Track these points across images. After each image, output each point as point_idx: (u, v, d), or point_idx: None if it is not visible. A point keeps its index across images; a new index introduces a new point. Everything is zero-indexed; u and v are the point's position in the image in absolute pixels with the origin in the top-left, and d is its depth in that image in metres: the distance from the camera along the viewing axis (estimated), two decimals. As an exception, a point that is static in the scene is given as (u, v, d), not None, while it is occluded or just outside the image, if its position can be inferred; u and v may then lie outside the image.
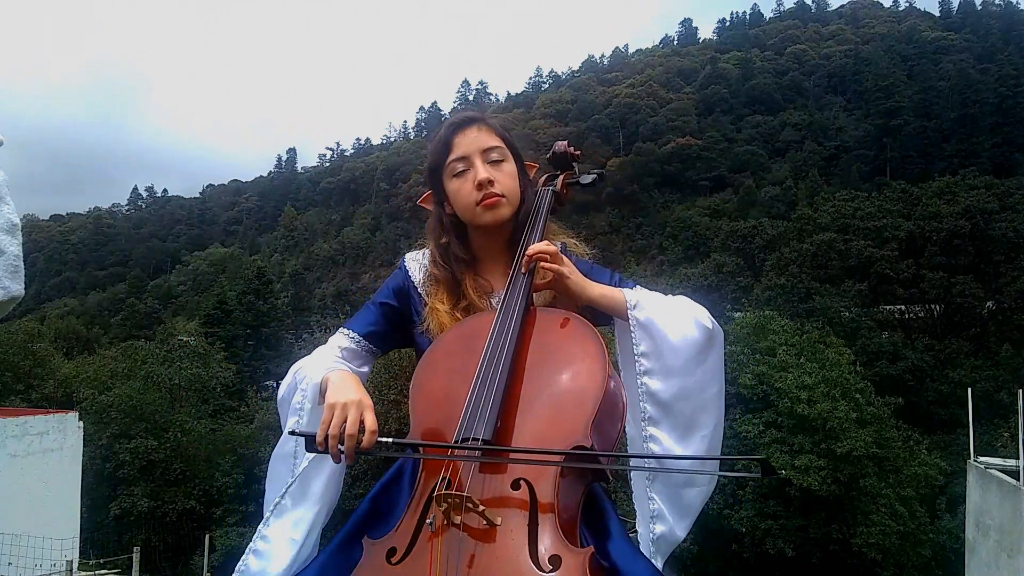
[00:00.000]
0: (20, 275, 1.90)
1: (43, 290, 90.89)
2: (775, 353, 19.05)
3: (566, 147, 1.75)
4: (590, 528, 1.27)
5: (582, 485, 1.28)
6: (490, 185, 1.49)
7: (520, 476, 1.17)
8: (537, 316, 1.42)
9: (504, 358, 1.30)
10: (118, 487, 21.21)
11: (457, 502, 1.10)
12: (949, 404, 26.38)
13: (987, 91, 67.56)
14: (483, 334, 1.36)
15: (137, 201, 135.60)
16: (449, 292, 1.54)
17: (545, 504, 1.14)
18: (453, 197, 1.54)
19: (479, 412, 1.23)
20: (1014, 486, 7.23)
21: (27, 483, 9.59)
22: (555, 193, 1.65)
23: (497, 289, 1.54)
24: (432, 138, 1.59)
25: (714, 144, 77.91)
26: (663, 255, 64.56)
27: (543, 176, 1.72)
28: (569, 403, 1.26)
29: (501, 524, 1.11)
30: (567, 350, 1.34)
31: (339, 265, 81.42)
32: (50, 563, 8.50)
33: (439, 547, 1.11)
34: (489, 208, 1.49)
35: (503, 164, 1.53)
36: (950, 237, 34.20)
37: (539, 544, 1.10)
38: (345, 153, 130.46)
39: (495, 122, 1.57)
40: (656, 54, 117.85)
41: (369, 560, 1.19)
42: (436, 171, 1.56)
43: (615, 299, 1.47)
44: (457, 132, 1.52)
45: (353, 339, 1.57)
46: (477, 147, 1.51)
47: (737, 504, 17.21)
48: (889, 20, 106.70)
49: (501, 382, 1.27)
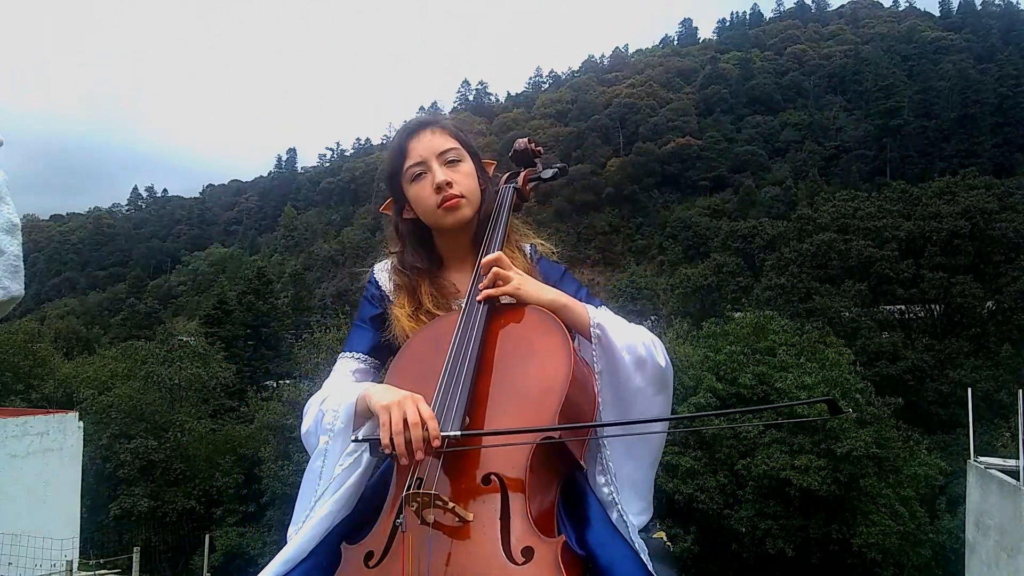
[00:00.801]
0: (20, 275, 1.90)
1: (43, 290, 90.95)
2: (775, 353, 19.06)
3: (527, 143, 1.75)
4: (571, 518, 1.27)
5: (557, 476, 1.28)
6: (448, 187, 1.49)
7: (490, 471, 1.18)
8: (502, 313, 1.42)
9: (470, 355, 1.30)
10: (118, 487, 21.22)
11: (426, 500, 1.11)
12: (949, 404, 26.37)
13: (987, 91, 67.56)
14: (448, 334, 1.37)
15: (137, 201, 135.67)
16: (410, 297, 1.55)
17: (516, 497, 1.15)
18: (414, 202, 1.55)
19: (445, 412, 1.23)
20: (1014, 486, 7.23)
21: (27, 483, 9.60)
22: (516, 190, 1.66)
23: (463, 289, 1.54)
24: (387, 146, 1.61)
25: (714, 144, 77.91)
26: (663, 255, 64.58)
27: (504, 175, 1.72)
28: (535, 395, 1.27)
29: (474, 520, 1.12)
30: (531, 342, 1.35)
31: (339, 265, 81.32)
32: (50, 563, 8.51)
33: (411, 546, 1.12)
34: (450, 210, 1.50)
35: (460, 164, 1.53)
36: (950, 237, 34.17)
37: (511, 537, 1.11)
38: (345, 153, 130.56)
39: (449, 124, 1.57)
40: (656, 54, 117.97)
41: (347, 565, 1.20)
42: (395, 178, 1.56)
43: (576, 313, 1.43)
44: (411, 137, 1.53)
45: (359, 359, 1.56)
46: (432, 150, 1.51)
47: (737, 504, 17.21)
48: (889, 20, 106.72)
49: (467, 379, 1.27)
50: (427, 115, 1.62)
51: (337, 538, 1.32)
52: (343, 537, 1.29)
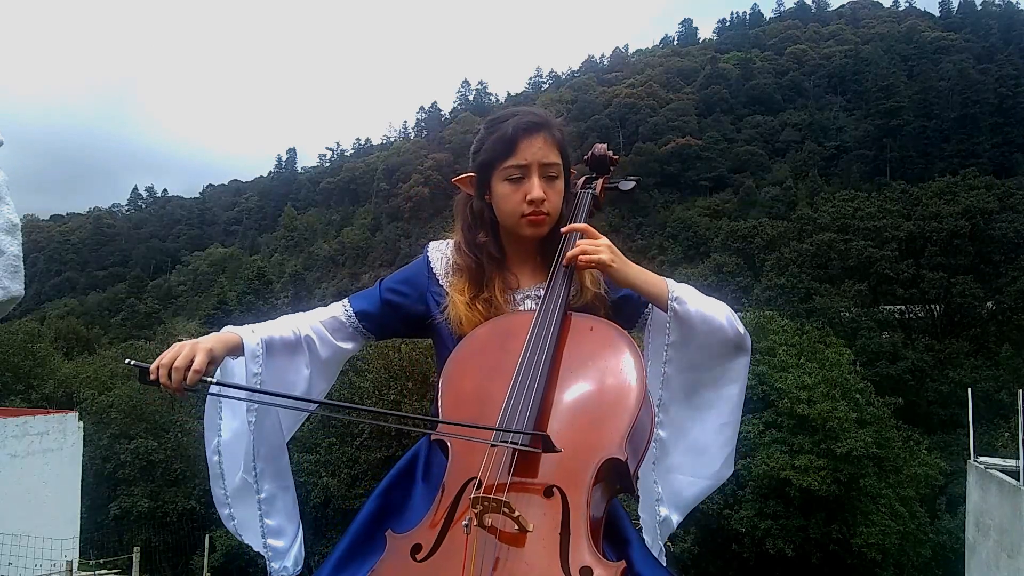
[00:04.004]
0: (20, 275, 1.90)
1: (43, 290, 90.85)
2: (775, 353, 19.05)
3: (605, 151, 1.73)
4: (609, 537, 1.28)
5: (610, 496, 1.28)
6: (541, 204, 1.47)
7: (553, 483, 1.17)
8: (573, 321, 1.41)
9: (544, 361, 1.29)
10: (118, 487, 21.22)
11: (494, 506, 1.09)
12: (949, 404, 26.37)
13: (987, 91, 67.54)
14: (520, 334, 1.36)
15: (137, 201, 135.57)
16: (471, 282, 1.52)
17: (577, 513, 1.13)
18: (499, 200, 1.51)
19: (518, 415, 1.22)
20: (1014, 486, 7.22)
21: (27, 483, 9.58)
22: (594, 196, 1.65)
23: (524, 285, 1.54)
24: (492, 127, 1.52)
25: (714, 144, 77.89)
26: (663, 255, 64.54)
27: (581, 179, 1.70)
28: (606, 414, 1.25)
29: (532, 531, 1.10)
30: (605, 360, 1.33)
31: (339, 265, 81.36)
32: (50, 563, 8.50)
33: (472, 549, 1.09)
34: (534, 225, 1.49)
35: (556, 182, 1.51)
36: (950, 237, 34.18)
37: (570, 554, 1.09)
38: (345, 153, 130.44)
39: (559, 133, 1.52)
40: (656, 54, 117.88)
41: (393, 555, 1.18)
42: (488, 166, 1.51)
43: (657, 286, 1.46)
44: (524, 136, 1.47)
45: (346, 312, 1.57)
46: (538, 159, 1.47)
47: (737, 504, 17.21)
48: (889, 20, 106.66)
49: (540, 386, 1.26)
50: (543, 114, 1.55)
51: (366, 518, 1.37)
52: (382, 518, 1.33)
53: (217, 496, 1.54)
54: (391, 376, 16.78)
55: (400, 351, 16.71)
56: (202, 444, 1.53)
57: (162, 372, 1.29)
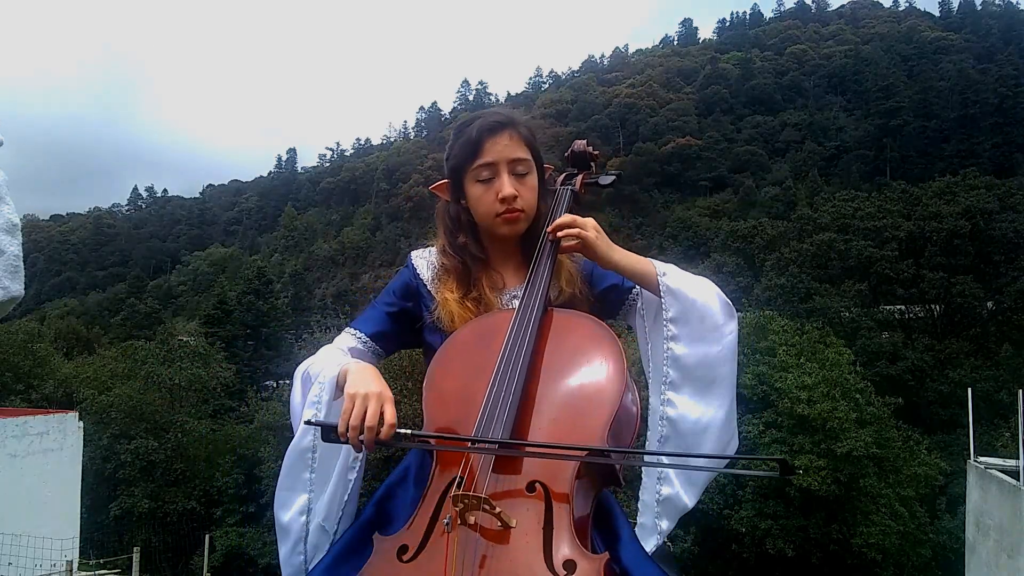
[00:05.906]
0: (20, 275, 1.90)
1: (43, 290, 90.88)
2: (775, 353, 19.04)
3: (585, 146, 1.74)
4: (600, 531, 1.27)
5: (595, 489, 1.28)
6: (513, 201, 1.47)
7: (535, 478, 1.17)
8: (555, 317, 1.41)
9: (523, 358, 1.29)
10: (118, 487, 21.21)
11: (474, 503, 1.09)
12: (949, 404, 26.34)
13: (987, 91, 67.56)
14: (500, 332, 1.35)
15: (137, 201, 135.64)
16: (459, 281, 1.52)
17: (560, 507, 1.14)
18: (474, 202, 1.51)
19: (496, 412, 1.22)
20: (1014, 486, 7.23)
21: (27, 483, 9.58)
22: (574, 192, 1.65)
23: (509, 285, 1.54)
24: (459, 132, 1.53)
25: (714, 144, 77.94)
26: (663, 255, 64.34)
27: (561, 175, 1.70)
28: (586, 407, 1.25)
29: (516, 526, 1.11)
30: (586, 353, 1.33)
31: (339, 265, 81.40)
32: (50, 563, 8.50)
33: (454, 546, 1.10)
34: (509, 222, 1.49)
35: (527, 178, 1.51)
36: (950, 237, 34.13)
37: (553, 548, 1.09)
38: (345, 153, 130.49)
39: (525, 130, 1.52)
40: (656, 54, 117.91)
41: (379, 557, 1.18)
42: (459, 171, 1.52)
43: (643, 266, 1.48)
44: (488, 137, 1.47)
45: (360, 339, 1.55)
46: (505, 157, 1.48)
47: (737, 504, 17.20)
48: (889, 20, 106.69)
49: (520, 383, 1.26)
50: (507, 112, 1.55)
51: (362, 524, 1.37)
52: (372, 525, 1.32)
53: (293, 564, 1.45)
54: (391, 376, 16.78)
55: (400, 351, 16.70)
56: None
57: (352, 434, 1.23)
